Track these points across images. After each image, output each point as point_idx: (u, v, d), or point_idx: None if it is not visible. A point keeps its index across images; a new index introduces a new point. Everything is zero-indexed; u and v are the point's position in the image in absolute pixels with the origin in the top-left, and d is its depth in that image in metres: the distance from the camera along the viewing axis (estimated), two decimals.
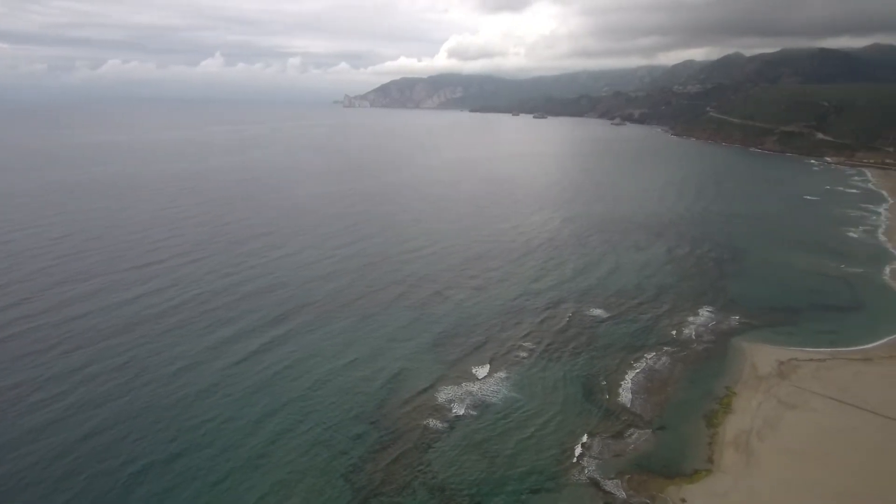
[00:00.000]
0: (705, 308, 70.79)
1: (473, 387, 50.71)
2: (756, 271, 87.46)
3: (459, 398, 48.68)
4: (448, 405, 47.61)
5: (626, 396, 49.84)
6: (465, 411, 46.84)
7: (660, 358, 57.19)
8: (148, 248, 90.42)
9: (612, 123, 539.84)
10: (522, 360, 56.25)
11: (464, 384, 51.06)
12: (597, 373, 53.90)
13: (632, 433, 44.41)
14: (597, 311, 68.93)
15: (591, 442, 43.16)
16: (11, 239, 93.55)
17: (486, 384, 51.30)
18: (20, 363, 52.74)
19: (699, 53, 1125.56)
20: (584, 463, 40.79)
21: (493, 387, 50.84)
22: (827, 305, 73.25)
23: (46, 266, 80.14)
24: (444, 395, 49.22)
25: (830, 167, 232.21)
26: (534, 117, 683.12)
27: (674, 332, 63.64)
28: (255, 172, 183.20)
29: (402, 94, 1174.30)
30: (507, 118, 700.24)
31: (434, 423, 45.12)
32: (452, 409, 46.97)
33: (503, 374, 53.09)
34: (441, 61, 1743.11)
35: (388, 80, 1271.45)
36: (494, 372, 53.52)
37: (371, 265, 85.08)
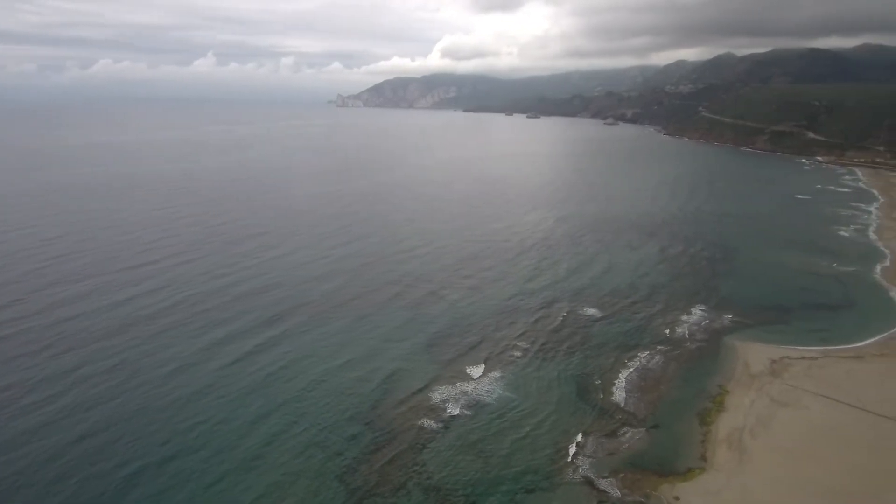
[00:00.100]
0: (698, 307, 71.16)
1: (468, 387, 50.78)
2: (748, 270, 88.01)
3: (454, 398, 48.73)
4: (443, 405, 47.66)
5: (619, 395, 50.07)
6: (460, 411, 46.89)
7: (653, 357, 57.46)
8: (141, 248, 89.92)
9: (605, 123, 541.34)
10: (517, 359, 56.36)
11: (458, 384, 51.14)
12: (591, 372, 54.11)
13: (626, 432, 44.60)
14: (591, 311, 69.18)
15: (585, 441, 43.30)
16: (4, 240, 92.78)
17: (481, 384, 51.37)
18: (11, 365, 52.32)
19: (691, 54, 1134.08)
20: (578, 462, 40.93)
21: (488, 386, 50.93)
22: (818, 304, 73.81)
23: (38, 267, 79.54)
24: (438, 395, 49.26)
25: (821, 166, 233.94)
26: (527, 117, 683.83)
27: (667, 331, 63.95)
28: (248, 172, 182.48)
29: (395, 93, 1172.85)
30: (501, 118, 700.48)
31: (429, 423, 45.14)
32: (447, 410, 47.01)
33: (498, 374, 53.19)
34: (434, 61, 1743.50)
35: (381, 79, 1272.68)
36: (489, 372, 53.61)
37: (365, 265, 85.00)
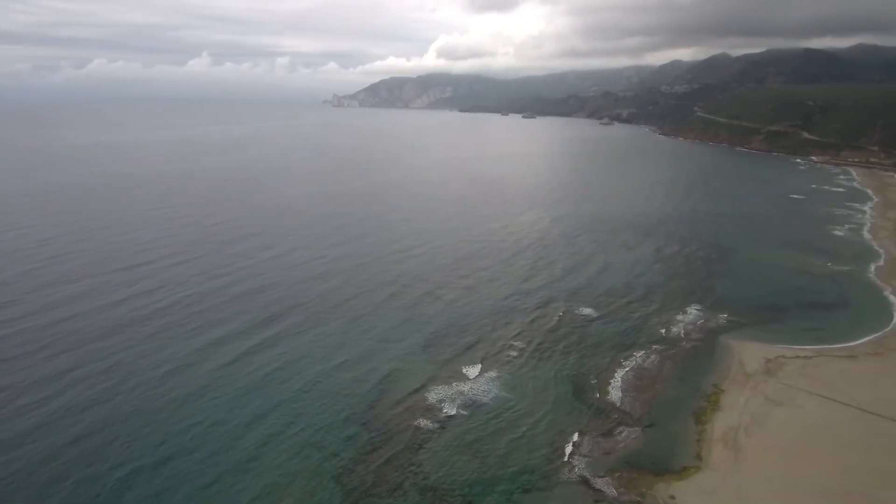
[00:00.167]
0: (693, 306, 71.38)
1: (464, 387, 50.79)
2: (743, 270, 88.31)
3: (451, 398, 48.73)
4: (439, 405, 47.65)
5: (615, 395, 50.18)
6: (457, 411, 46.91)
7: (649, 356, 57.62)
8: (137, 249, 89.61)
9: (601, 123, 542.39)
10: (513, 359, 56.41)
11: (455, 384, 51.14)
12: (587, 371, 54.21)
13: (621, 431, 44.71)
14: (587, 311, 69.30)
15: (581, 440, 43.39)
16: (1, 240, 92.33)
17: (478, 384, 51.40)
18: (6, 366, 52.05)
19: (686, 54, 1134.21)
20: (574, 461, 41.00)
21: (485, 386, 50.96)
22: (813, 303, 74.12)
23: (35, 268, 79.21)
24: (435, 395, 49.25)
25: (816, 166, 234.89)
26: (523, 117, 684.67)
27: (662, 331, 64.12)
28: (244, 172, 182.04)
29: (391, 93, 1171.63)
30: (497, 118, 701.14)
31: (425, 423, 45.14)
32: (444, 410, 47.01)
33: (494, 374, 53.22)
34: (430, 61, 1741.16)
35: (377, 79, 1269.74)
36: (485, 372, 53.63)
37: (362, 265, 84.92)
